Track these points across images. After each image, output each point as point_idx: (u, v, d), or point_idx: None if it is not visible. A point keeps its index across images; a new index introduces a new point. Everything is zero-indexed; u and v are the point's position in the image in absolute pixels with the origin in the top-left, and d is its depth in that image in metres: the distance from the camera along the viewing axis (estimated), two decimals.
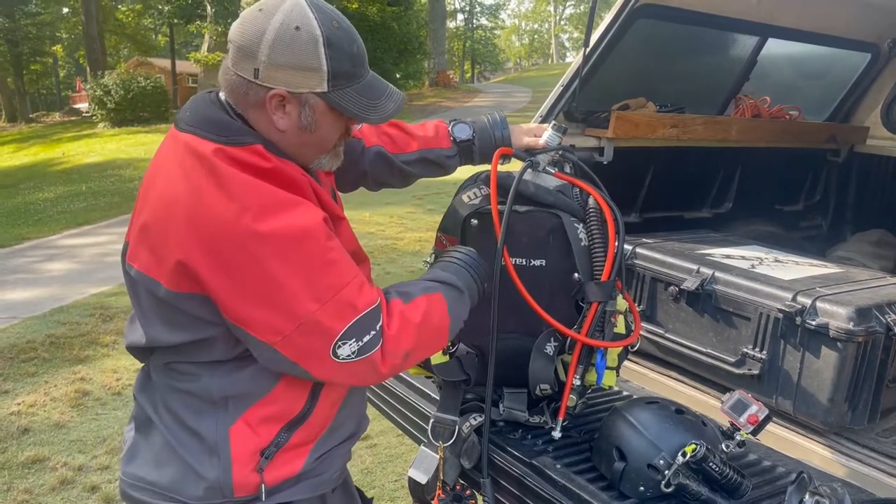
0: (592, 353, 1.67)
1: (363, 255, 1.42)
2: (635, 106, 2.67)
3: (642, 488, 1.47)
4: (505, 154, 1.71)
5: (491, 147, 1.74)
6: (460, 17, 60.15)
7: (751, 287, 2.00)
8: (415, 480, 1.67)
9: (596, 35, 2.47)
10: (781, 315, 1.89)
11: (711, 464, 1.40)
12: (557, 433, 1.70)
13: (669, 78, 3.01)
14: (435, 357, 1.70)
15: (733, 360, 2.03)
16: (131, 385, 3.17)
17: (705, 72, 3.17)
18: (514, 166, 1.72)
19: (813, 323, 1.82)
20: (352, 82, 1.26)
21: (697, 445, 1.41)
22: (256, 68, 1.21)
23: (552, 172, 1.74)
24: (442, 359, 1.71)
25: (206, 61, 22.03)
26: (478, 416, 1.69)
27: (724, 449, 1.49)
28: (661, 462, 1.44)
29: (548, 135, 1.77)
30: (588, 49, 2.40)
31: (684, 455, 1.41)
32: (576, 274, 1.69)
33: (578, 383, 1.66)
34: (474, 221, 1.70)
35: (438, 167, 1.77)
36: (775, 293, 1.94)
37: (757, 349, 1.97)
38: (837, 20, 3.01)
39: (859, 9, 2.97)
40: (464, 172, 1.80)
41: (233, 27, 1.25)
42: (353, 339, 1.20)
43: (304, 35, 1.19)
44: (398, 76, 25.04)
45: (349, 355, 1.20)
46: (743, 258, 2.25)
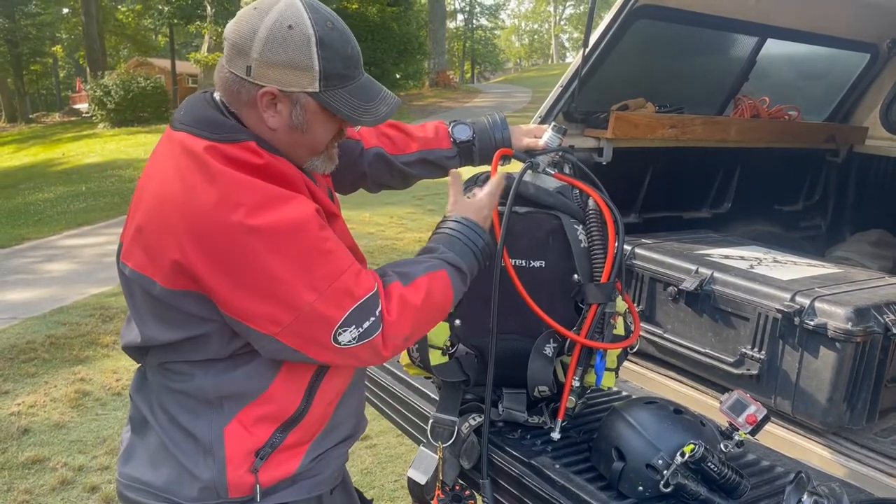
0: (592, 355, 1.67)
1: (360, 255, 1.42)
2: (634, 106, 2.67)
3: (641, 488, 1.48)
4: (505, 155, 1.71)
5: (491, 148, 1.74)
6: (460, 18, 60.13)
7: (749, 287, 2.00)
8: (414, 481, 1.67)
9: (595, 35, 2.47)
10: (780, 315, 1.89)
11: (710, 464, 1.40)
12: (556, 434, 1.70)
13: (668, 78, 3.02)
14: (434, 358, 1.71)
15: (732, 361, 2.03)
16: None
17: (704, 72, 3.17)
18: (514, 167, 1.73)
19: (811, 323, 1.82)
20: (345, 83, 1.26)
21: (696, 445, 1.41)
22: (249, 66, 1.21)
23: (552, 173, 1.74)
24: (441, 359, 1.71)
25: (206, 62, 22.01)
26: (477, 417, 1.69)
27: (723, 449, 1.50)
28: (660, 462, 1.45)
29: (548, 136, 1.78)
30: (587, 50, 2.41)
31: (683, 455, 1.42)
32: (575, 275, 1.70)
33: (578, 384, 1.66)
34: None
35: (438, 168, 1.77)
36: (774, 293, 1.94)
37: (755, 349, 1.97)
38: (836, 20, 3.01)
39: (858, 9, 2.97)
40: (464, 173, 1.80)
41: (228, 25, 1.26)
42: (354, 326, 1.21)
43: (297, 34, 1.19)
44: (398, 76, 25.05)
45: (350, 341, 1.22)
46: (742, 258, 2.26)
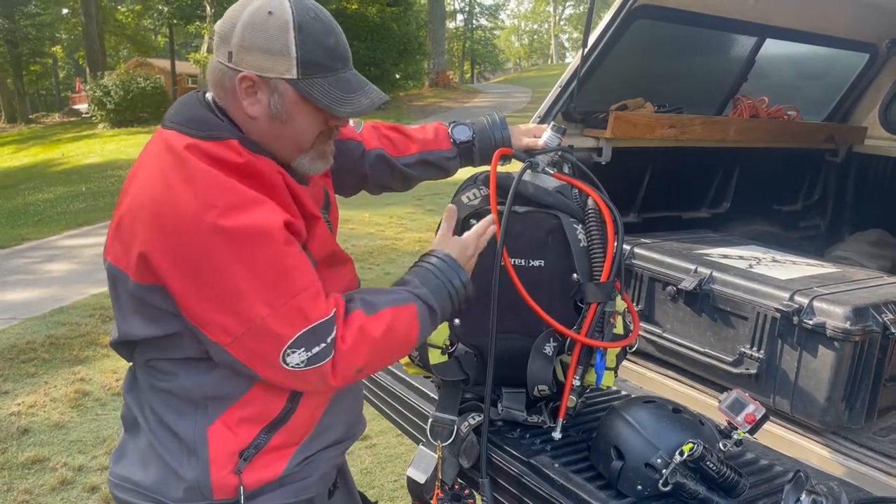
0: (592, 354, 1.67)
1: (344, 256, 1.41)
2: (634, 106, 2.67)
3: (640, 487, 1.48)
4: (504, 155, 1.72)
5: (491, 148, 1.74)
6: (460, 18, 60.10)
7: (748, 287, 2.01)
8: (413, 480, 1.67)
9: (594, 36, 2.47)
10: (779, 314, 1.90)
11: (709, 463, 1.41)
12: (558, 434, 1.70)
13: (668, 78, 3.02)
14: (434, 357, 1.71)
15: (731, 360, 2.03)
16: None
17: (703, 72, 3.18)
18: (514, 167, 1.73)
19: (810, 322, 1.83)
20: (325, 74, 1.24)
21: (695, 444, 1.41)
22: (230, 51, 1.23)
23: (551, 173, 1.75)
24: (441, 358, 1.71)
25: (206, 62, 21.91)
26: (476, 416, 1.70)
27: (722, 448, 1.50)
28: (659, 461, 1.45)
29: (547, 135, 1.78)
30: (586, 50, 2.41)
31: (682, 454, 1.42)
32: (575, 274, 1.70)
33: (578, 384, 1.67)
34: (474, 222, 1.71)
35: (439, 169, 1.77)
36: (773, 293, 1.94)
37: (754, 348, 1.97)
38: (835, 20, 3.01)
39: (857, 9, 2.97)
40: (464, 173, 1.81)
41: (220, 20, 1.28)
42: (303, 349, 1.18)
43: (276, 19, 1.20)
44: (398, 76, 25.05)
45: (298, 363, 1.19)
46: (741, 258, 2.26)
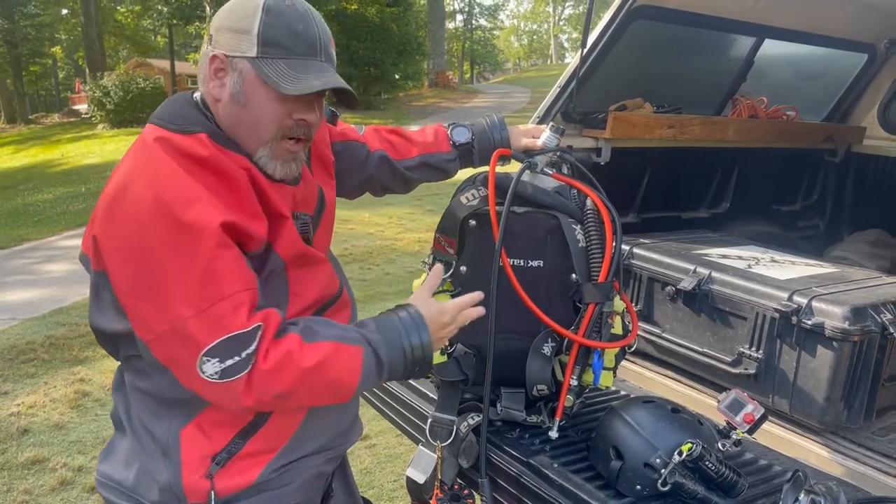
0: (590, 354, 1.68)
1: (318, 257, 1.36)
2: (633, 107, 2.68)
3: (639, 487, 1.48)
4: (503, 155, 1.72)
5: (490, 149, 1.75)
6: (459, 18, 60.03)
7: (747, 287, 2.01)
8: (413, 480, 1.67)
9: (593, 36, 2.48)
10: (778, 314, 1.90)
11: (707, 462, 1.41)
12: (554, 433, 1.71)
13: (667, 79, 3.02)
14: (433, 357, 1.71)
15: (730, 360, 2.03)
16: None
17: (702, 72, 3.18)
18: (513, 168, 1.73)
19: (809, 322, 1.83)
20: (286, 56, 1.23)
21: (693, 444, 1.41)
22: (211, 35, 1.26)
23: (550, 174, 1.75)
24: (440, 359, 1.72)
25: None
26: (475, 416, 1.70)
27: (721, 448, 1.50)
28: (658, 461, 1.45)
29: (546, 136, 1.79)
30: (585, 50, 2.41)
31: (680, 454, 1.42)
32: (573, 275, 1.70)
33: (576, 384, 1.67)
34: (472, 223, 1.71)
35: (439, 171, 1.78)
36: (772, 293, 1.95)
37: (753, 348, 1.97)
38: (834, 21, 3.01)
39: (856, 9, 2.98)
40: (463, 174, 1.82)
41: None
42: (217, 359, 1.13)
43: (251, 1, 1.23)
44: (397, 77, 25.02)
45: (213, 374, 1.14)
46: (740, 258, 2.26)
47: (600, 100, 2.64)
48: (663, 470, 1.43)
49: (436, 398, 1.81)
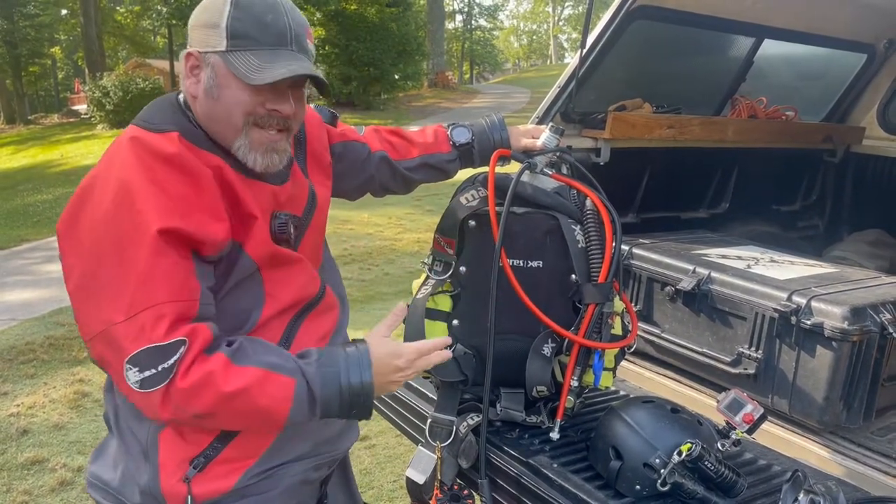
0: (590, 355, 1.68)
1: (293, 257, 1.33)
2: (632, 107, 2.68)
3: (638, 487, 1.48)
4: (503, 156, 1.72)
5: (490, 149, 1.75)
6: (459, 18, 60.05)
7: (747, 287, 2.01)
8: (412, 480, 1.67)
9: (593, 36, 2.48)
10: (777, 315, 1.90)
11: (707, 462, 1.41)
12: (556, 434, 1.71)
13: (666, 79, 3.02)
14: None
15: (729, 360, 2.03)
16: None
17: (702, 73, 3.18)
18: (513, 168, 1.73)
19: (808, 322, 1.83)
20: (255, 47, 1.22)
21: (693, 444, 1.41)
22: (188, 34, 1.27)
23: (549, 174, 1.75)
24: None
25: None
26: (475, 416, 1.70)
27: (720, 448, 1.50)
28: (657, 461, 1.45)
29: (545, 136, 1.79)
30: (585, 50, 2.41)
31: (680, 454, 1.42)
32: (573, 275, 1.70)
33: (576, 384, 1.67)
34: (472, 223, 1.71)
35: (440, 172, 1.79)
36: (771, 293, 1.95)
37: (753, 348, 1.98)
38: (833, 21, 3.02)
39: (855, 9, 2.98)
40: (463, 174, 1.82)
41: None
42: (137, 368, 1.12)
43: None
44: (397, 77, 25.01)
45: (135, 383, 1.13)
46: (739, 258, 2.27)
47: (600, 100, 2.64)
48: (663, 470, 1.43)
49: (435, 398, 1.80)
